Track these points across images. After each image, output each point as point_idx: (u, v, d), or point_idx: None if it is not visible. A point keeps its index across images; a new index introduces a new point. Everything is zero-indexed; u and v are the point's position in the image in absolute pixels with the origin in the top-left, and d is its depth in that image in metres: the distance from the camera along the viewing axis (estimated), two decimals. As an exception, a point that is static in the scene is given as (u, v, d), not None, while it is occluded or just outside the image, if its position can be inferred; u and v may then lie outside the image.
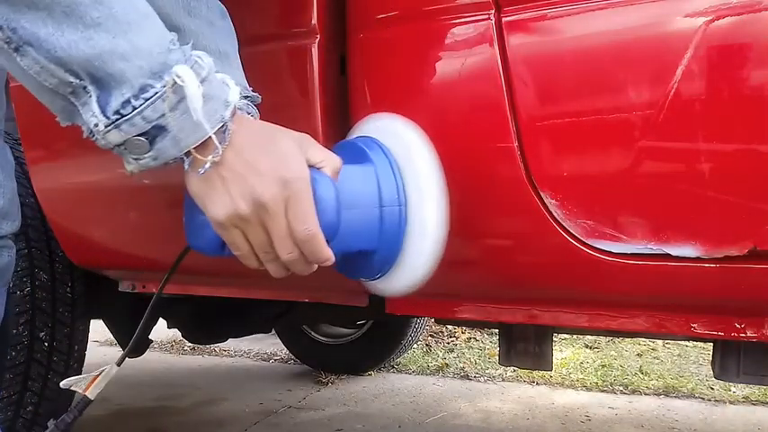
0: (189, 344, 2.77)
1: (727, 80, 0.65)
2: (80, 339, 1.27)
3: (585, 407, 1.96)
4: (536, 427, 1.78)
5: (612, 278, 0.74)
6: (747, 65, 0.64)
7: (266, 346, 2.76)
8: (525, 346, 1.03)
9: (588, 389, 2.15)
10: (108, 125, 0.53)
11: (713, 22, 0.65)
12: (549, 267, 0.78)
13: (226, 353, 2.76)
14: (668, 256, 0.70)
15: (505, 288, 0.84)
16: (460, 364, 2.46)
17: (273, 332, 2.29)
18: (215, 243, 0.64)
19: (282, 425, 1.83)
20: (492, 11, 0.74)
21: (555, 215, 0.74)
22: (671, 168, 0.69)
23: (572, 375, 2.28)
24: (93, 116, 0.53)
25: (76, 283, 1.26)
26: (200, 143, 0.55)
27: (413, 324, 2.23)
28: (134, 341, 0.75)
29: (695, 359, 2.50)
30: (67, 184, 1.12)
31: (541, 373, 2.25)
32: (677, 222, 0.69)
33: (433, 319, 2.10)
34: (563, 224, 0.74)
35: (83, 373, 0.76)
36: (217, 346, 2.79)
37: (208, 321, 1.55)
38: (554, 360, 1.05)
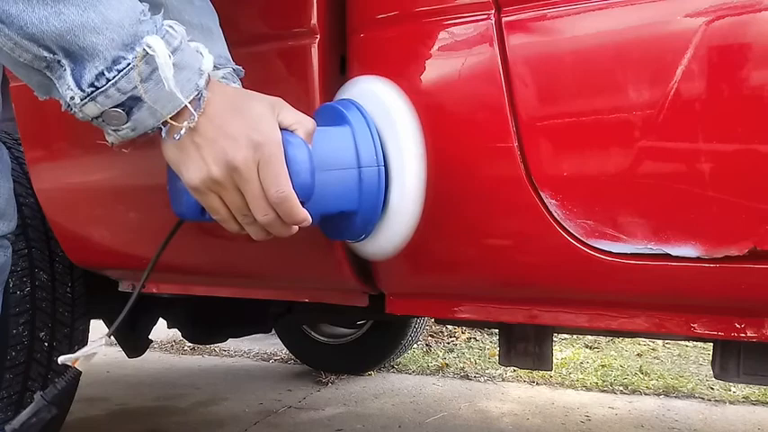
0: (189, 344, 2.77)
1: (726, 80, 0.65)
2: (80, 339, 1.27)
3: (585, 407, 1.96)
4: (536, 427, 1.78)
5: (612, 278, 0.74)
6: (747, 65, 0.64)
7: (266, 346, 2.77)
8: (525, 346, 1.03)
9: (588, 389, 2.15)
10: (84, 98, 0.54)
11: (713, 22, 0.65)
12: (550, 267, 0.78)
13: (226, 353, 2.76)
14: (668, 256, 0.70)
15: (505, 288, 0.84)
16: (460, 364, 2.46)
17: (273, 332, 2.29)
18: (195, 208, 0.65)
19: (282, 425, 1.83)
20: (492, 11, 0.74)
21: (555, 215, 0.74)
22: (671, 168, 0.69)
23: (572, 375, 2.28)
24: (69, 89, 0.54)
25: (76, 283, 1.26)
26: (176, 112, 0.56)
27: (413, 324, 2.23)
28: (124, 314, 0.75)
29: (695, 359, 2.50)
30: (67, 184, 1.12)
31: (541, 373, 2.25)
32: (677, 222, 0.69)
33: (432, 319, 2.10)
34: (563, 224, 0.74)
35: (82, 373, 0.76)
36: (217, 346, 2.79)
37: (208, 321, 1.55)
38: (554, 360, 1.05)
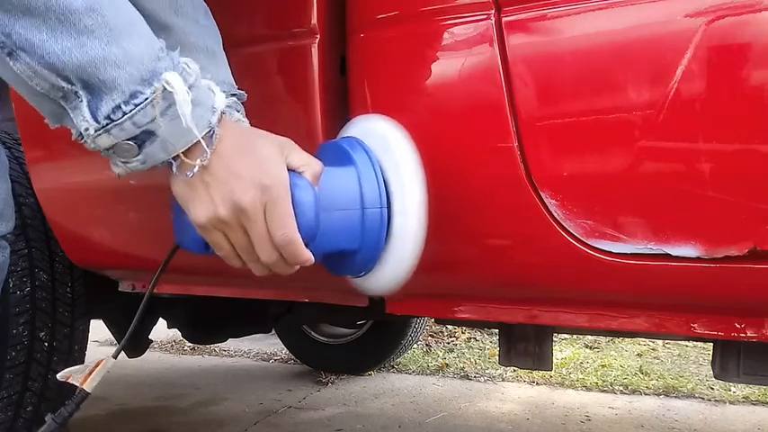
0: (189, 344, 2.77)
1: (726, 80, 0.65)
2: (80, 339, 1.27)
3: (585, 407, 1.96)
4: (536, 427, 1.78)
5: (612, 278, 0.74)
6: (747, 65, 0.64)
7: (266, 346, 2.76)
8: (525, 346, 1.03)
9: (588, 389, 2.15)
10: (98, 129, 0.54)
11: (713, 22, 0.65)
12: (550, 267, 0.78)
13: (226, 353, 2.76)
14: (668, 256, 0.70)
15: (505, 288, 0.84)
16: (460, 364, 2.46)
17: (273, 332, 2.29)
18: (200, 243, 0.66)
19: (282, 425, 1.83)
20: (492, 11, 0.74)
21: (555, 215, 0.74)
22: (671, 168, 0.69)
23: (572, 375, 2.28)
24: (84, 120, 0.54)
25: (76, 283, 1.26)
26: (187, 148, 0.57)
27: (413, 324, 2.23)
28: (129, 333, 0.76)
29: (695, 359, 2.50)
30: (67, 184, 1.12)
31: (541, 373, 2.25)
32: (677, 222, 0.69)
33: (433, 319, 2.10)
34: (563, 224, 0.74)
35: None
36: (217, 346, 2.79)
37: (208, 321, 1.55)
38: (554, 360, 1.05)
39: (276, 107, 0.88)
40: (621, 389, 2.14)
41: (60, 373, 0.72)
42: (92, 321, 1.35)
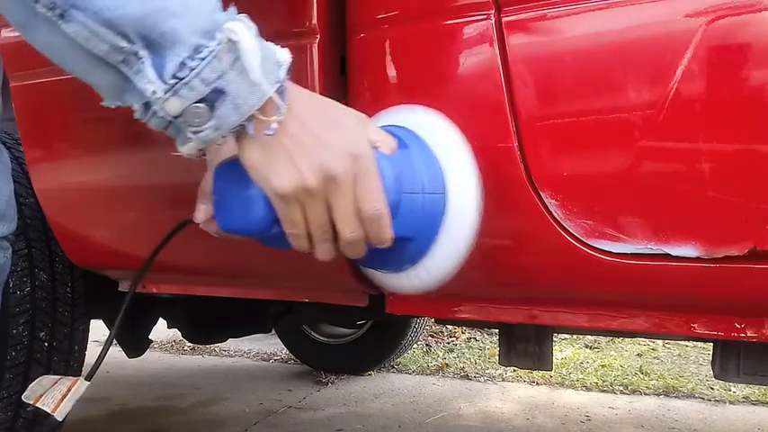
0: (189, 344, 2.77)
1: (726, 80, 0.65)
2: (80, 339, 1.27)
3: (585, 407, 1.96)
4: (536, 427, 1.78)
5: (612, 278, 0.74)
6: (747, 65, 0.64)
7: (266, 346, 2.77)
8: (525, 346, 1.03)
9: (588, 389, 2.16)
10: (167, 90, 0.50)
11: (713, 22, 0.65)
12: (550, 267, 0.78)
13: (226, 353, 2.76)
14: (668, 256, 0.70)
15: (505, 288, 0.84)
16: (460, 364, 2.46)
17: (273, 332, 2.29)
18: (264, 220, 0.59)
19: (282, 425, 1.83)
20: (492, 11, 0.74)
21: (555, 215, 0.74)
22: (671, 168, 0.69)
23: (572, 375, 2.28)
24: (150, 83, 0.50)
25: (76, 283, 1.26)
26: (260, 105, 0.52)
27: (413, 324, 2.23)
28: (111, 335, 0.71)
29: (695, 359, 2.50)
30: (67, 184, 1.12)
31: (541, 373, 2.25)
32: (677, 222, 0.69)
33: (432, 319, 2.10)
34: (563, 224, 0.74)
35: (82, 371, 0.71)
36: (217, 346, 2.80)
37: (208, 321, 1.55)
38: (554, 360, 1.05)
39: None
40: (621, 389, 2.14)
41: (26, 394, 0.64)
42: (92, 321, 1.35)
